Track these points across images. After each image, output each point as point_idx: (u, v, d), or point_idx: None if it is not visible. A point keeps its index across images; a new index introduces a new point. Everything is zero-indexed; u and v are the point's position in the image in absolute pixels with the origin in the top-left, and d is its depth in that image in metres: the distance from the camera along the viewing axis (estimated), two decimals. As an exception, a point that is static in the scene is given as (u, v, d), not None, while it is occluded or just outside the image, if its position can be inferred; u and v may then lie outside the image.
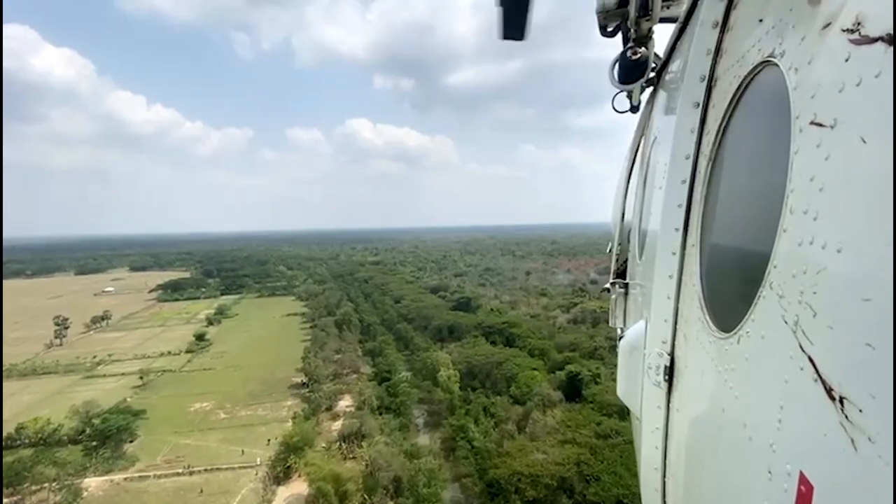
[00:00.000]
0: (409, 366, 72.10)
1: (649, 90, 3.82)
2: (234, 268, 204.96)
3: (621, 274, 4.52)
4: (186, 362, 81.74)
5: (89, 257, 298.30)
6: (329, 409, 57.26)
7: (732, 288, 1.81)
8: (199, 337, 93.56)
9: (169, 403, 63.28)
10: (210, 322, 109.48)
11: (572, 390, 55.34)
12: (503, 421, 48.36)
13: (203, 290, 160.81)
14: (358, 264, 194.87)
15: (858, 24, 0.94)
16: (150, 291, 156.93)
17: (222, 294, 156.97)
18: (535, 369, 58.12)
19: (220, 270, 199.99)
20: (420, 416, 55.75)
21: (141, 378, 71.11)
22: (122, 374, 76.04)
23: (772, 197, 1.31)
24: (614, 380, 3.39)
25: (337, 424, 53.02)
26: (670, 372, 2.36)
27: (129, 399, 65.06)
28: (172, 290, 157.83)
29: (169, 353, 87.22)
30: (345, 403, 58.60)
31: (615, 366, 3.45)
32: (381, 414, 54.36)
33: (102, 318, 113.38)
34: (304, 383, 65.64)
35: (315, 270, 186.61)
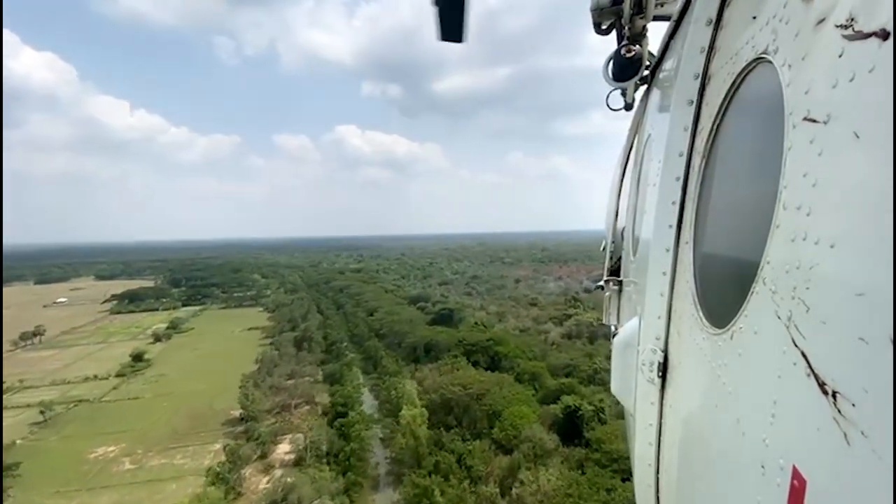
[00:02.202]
0: (375, 394, 60.33)
1: (643, 88, 3.80)
2: (205, 276, 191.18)
3: (615, 271, 4.47)
4: (111, 389, 68.68)
5: (55, 265, 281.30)
6: (263, 456, 45.06)
7: (726, 284, 1.79)
8: (137, 357, 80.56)
9: (67, 447, 50.58)
10: (157, 338, 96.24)
11: (570, 429, 44.05)
12: (483, 478, 36.86)
13: (164, 300, 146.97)
14: (337, 272, 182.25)
15: (852, 19, 0.93)
16: (104, 302, 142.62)
17: (183, 305, 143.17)
18: (524, 403, 46.78)
19: (189, 279, 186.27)
20: (378, 466, 43.89)
21: (42, 412, 57.97)
22: (28, 405, 62.78)
23: (765, 193, 1.31)
24: (621, 417, 2.91)
25: (267, 481, 40.95)
26: (664, 368, 2.36)
27: (19, 441, 52.19)
28: (129, 301, 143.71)
29: (95, 377, 74.06)
30: (285, 449, 46.49)
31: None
32: (328, 464, 42.50)
33: (34, 335, 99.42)
34: (242, 418, 53.39)
35: (288, 279, 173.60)
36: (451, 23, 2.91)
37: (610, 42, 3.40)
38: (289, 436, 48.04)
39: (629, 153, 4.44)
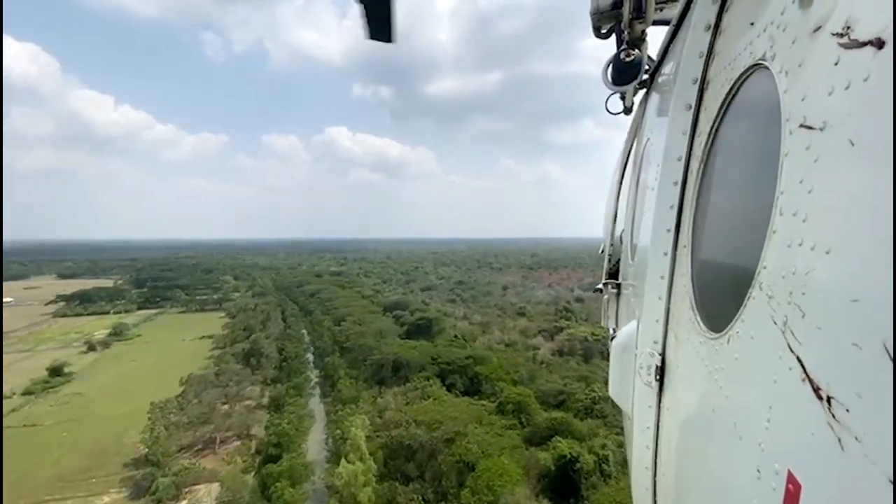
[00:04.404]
0: (325, 423, 49.47)
1: (642, 92, 3.83)
2: (172, 277, 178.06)
3: (613, 275, 4.51)
4: (9, 412, 56.54)
5: (18, 262, 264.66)
6: (155, 521, 33.90)
7: (723, 289, 1.82)
8: (55, 371, 68.46)
9: (-90, 498, 38.68)
10: (91, 347, 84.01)
11: (565, 487, 33.92)
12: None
13: (119, 302, 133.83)
14: (314, 275, 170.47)
15: (848, 27, 0.94)
16: (48, 304, 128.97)
17: (139, 308, 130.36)
18: (505, 448, 36.43)
19: (155, 279, 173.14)
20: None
21: None
22: None
23: (762, 199, 1.33)
24: (626, 465, 3.14)
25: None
26: (661, 372, 2.38)
27: None
28: (80, 303, 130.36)
29: (-4, 395, 61.80)
30: (187, 509, 35.28)
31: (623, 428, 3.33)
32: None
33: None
34: (148, 458, 41.94)
35: (258, 281, 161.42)
36: (379, 22, 2.92)
37: (608, 46, 3.43)
38: (199, 487, 36.95)
39: (628, 157, 4.42)
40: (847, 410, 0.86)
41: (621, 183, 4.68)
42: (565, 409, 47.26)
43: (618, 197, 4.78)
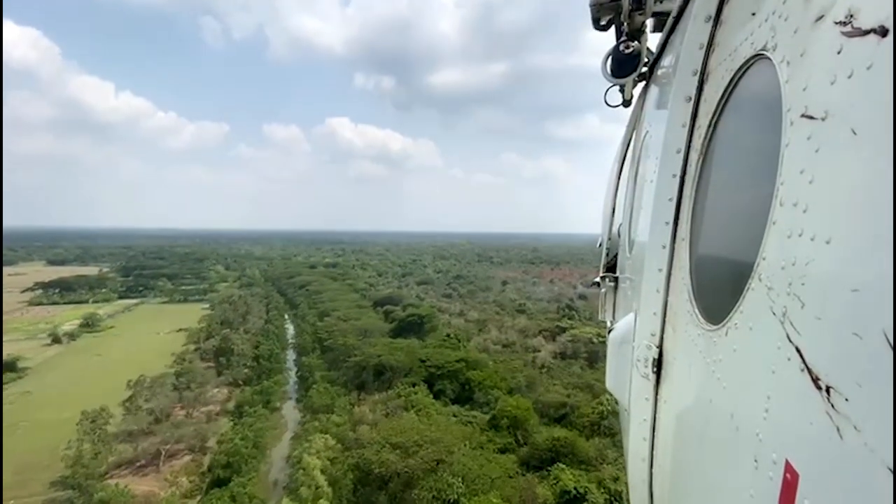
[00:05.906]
0: (293, 436, 43.25)
1: (642, 84, 3.85)
2: (161, 265, 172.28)
3: (611, 268, 4.56)
4: (-58, 414, 50.67)
5: (9, 248, 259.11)
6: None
7: (721, 280, 1.84)
8: (9, 366, 62.34)
9: None
10: (56, 339, 78.02)
11: (569, 530, 27.72)
12: None
13: (101, 290, 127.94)
14: (307, 266, 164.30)
15: (851, 16, 0.94)
16: (24, 291, 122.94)
17: (120, 297, 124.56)
18: (497, 479, 30.15)
19: (143, 268, 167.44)
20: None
21: None
22: None
23: (762, 190, 1.34)
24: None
25: None
26: (658, 364, 2.40)
27: None
28: (59, 291, 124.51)
29: (-65, 394, 55.82)
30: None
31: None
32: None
33: None
34: (67, 481, 35.61)
35: (247, 272, 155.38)
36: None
37: (609, 39, 3.45)
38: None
39: (626, 149, 4.45)
40: (846, 400, 0.86)
41: (620, 176, 4.67)
42: (568, 424, 41.15)
43: (616, 190, 4.77)
